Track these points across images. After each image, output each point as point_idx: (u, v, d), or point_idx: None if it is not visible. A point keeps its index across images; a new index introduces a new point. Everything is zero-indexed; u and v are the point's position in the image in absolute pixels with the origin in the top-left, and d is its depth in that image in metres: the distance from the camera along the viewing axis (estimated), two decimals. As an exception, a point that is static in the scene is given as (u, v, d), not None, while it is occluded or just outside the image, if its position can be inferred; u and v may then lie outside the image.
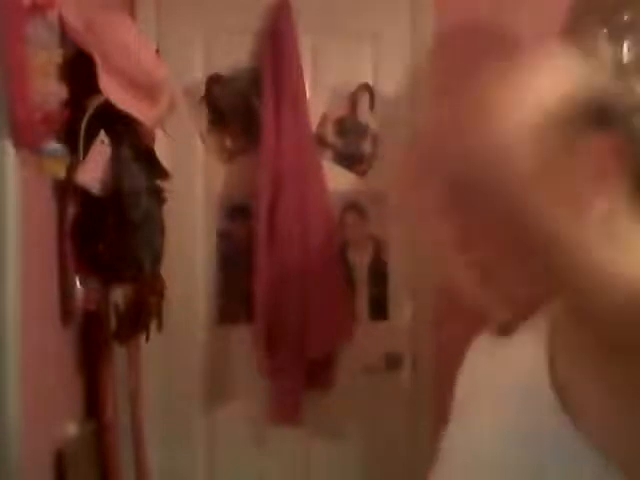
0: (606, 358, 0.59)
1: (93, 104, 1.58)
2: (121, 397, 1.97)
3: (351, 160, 2.35)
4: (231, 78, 2.27)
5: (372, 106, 2.34)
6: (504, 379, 0.72)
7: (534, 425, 0.65)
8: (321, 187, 2.26)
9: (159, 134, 1.87)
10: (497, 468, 0.69)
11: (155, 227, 1.81)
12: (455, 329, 1.75)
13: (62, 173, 1.47)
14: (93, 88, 1.56)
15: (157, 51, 1.98)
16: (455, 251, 0.75)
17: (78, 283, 1.65)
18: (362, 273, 2.35)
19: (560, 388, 0.63)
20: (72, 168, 1.54)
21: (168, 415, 2.30)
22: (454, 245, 0.74)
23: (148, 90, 1.69)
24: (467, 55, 2.17)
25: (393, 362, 2.32)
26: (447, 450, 0.82)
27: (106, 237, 1.67)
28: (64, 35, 1.43)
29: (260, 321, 2.18)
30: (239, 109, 2.27)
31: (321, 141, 2.32)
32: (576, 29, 1.85)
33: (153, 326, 1.94)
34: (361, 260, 2.36)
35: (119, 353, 1.96)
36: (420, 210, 0.76)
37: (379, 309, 2.36)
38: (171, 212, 1.98)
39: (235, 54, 2.27)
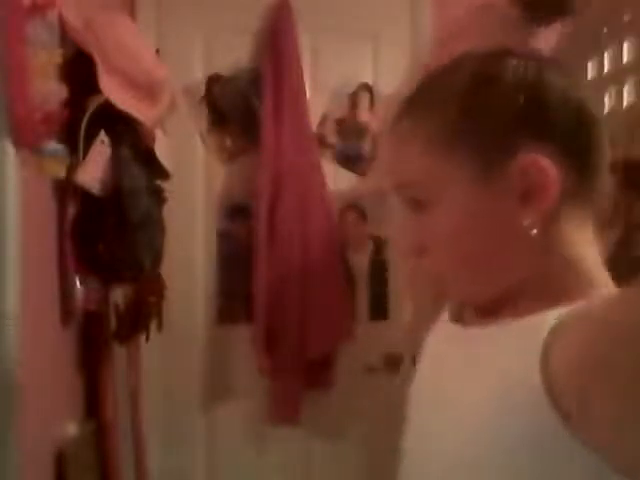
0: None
1: (93, 104, 1.58)
2: (121, 397, 1.97)
3: (351, 160, 2.35)
4: (231, 78, 2.27)
5: (372, 106, 2.34)
6: (481, 377, 0.71)
7: (519, 423, 0.65)
8: (321, 187, 2.26)
9: (159, 134, 1.87)
10: (480, 467, 0.69)
11: (155, 227, 1.81)
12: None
13: (62, 173, 1.46)
14: (93, 88, 1.56)
15: (157, 51, 1.98)
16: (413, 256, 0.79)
17: (78, 283, 1.65)
18: (362, 273, 2.36)
19: (553, 389, 0.63)
20: (72, 168, 1.53)
21: (168, 415, 2.30)
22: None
23: (148, 90, 1.69)
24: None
25: (393, 362, 2.32)
26: (414, 449, 0.82)
27: (106, 237, 1.66)
28: (64, 35, 1.42)
29: (260, 321, 2.18)
30: (239, 109, 2.27)
31: (321, 141, 2.32)
32: (576, 29, 1.85)
33: (153, 326, 1.94)
34: (361, 260, 2.36)
35: (119, 353, 1.96)
36: None
37: (379, 309, 2.36)
38: (171, 212, 1.98)
39: (235, 54, 2.27)
